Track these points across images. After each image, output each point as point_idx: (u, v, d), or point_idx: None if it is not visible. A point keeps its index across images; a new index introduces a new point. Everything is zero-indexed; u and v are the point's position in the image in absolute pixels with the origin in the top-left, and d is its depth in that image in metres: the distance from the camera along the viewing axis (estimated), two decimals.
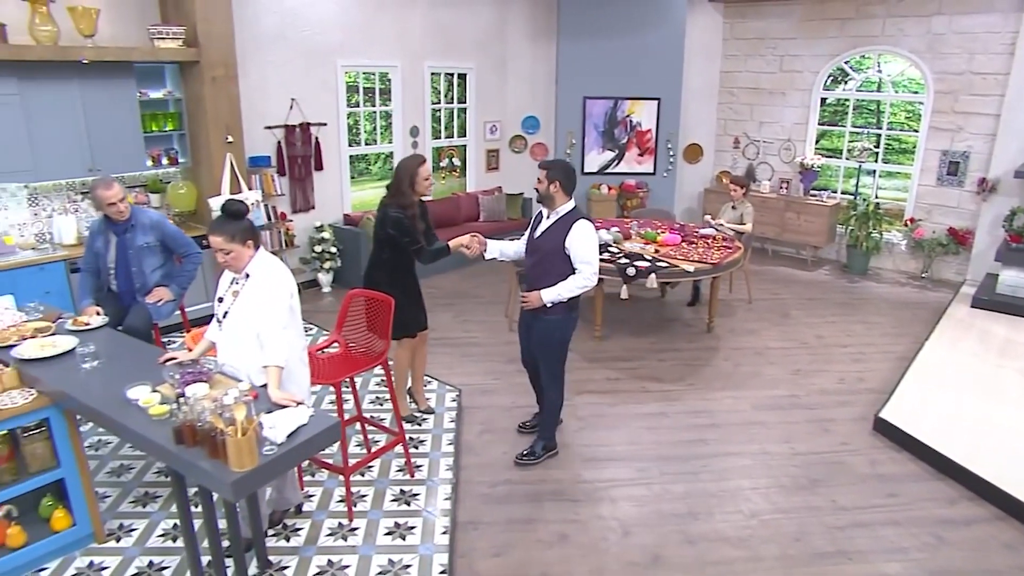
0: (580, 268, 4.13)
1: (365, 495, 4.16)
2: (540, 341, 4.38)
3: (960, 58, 7.86)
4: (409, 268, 4.60)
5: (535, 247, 4.25)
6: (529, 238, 4.33)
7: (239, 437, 2.60)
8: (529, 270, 4.30)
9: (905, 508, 4.19)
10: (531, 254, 4.30)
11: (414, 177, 4.37)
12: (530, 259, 4.30)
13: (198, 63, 6.10)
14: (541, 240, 4.20)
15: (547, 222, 4.19)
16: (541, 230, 4.21)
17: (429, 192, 4.48)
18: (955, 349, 6.31)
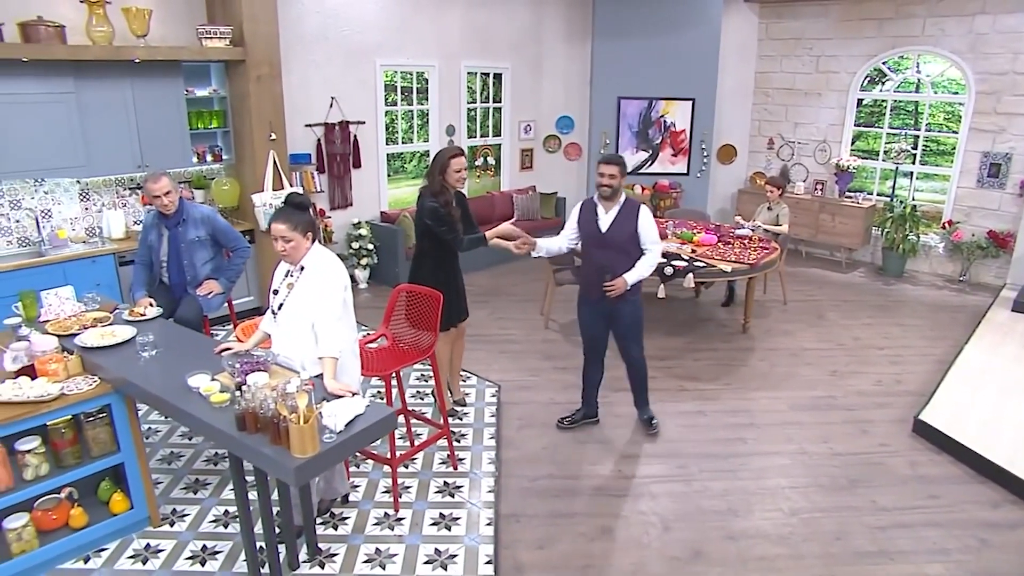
0: (651, 248, 4.54)
1: (410, 486, 4.24)
2: (630, 322, 4.72)
3: (1003, 58, 7.76)
4: (447, 259, 4.64)
5: (606, 241, 4.48)
6: (591, 233, 4.53)
7: (302, 424, 2.69)
8: (606, 261, 4.50)
9: (947, 510, 4.18)
10: (603, 248, 4.50)
11: (446, 168, 4.44)
12: (602, 252, 4.50)
13: (244, 62, 6.23)
14: (612, 233, 4.47)
15: (611, 215, 4.47)
16: (608, 224, 4.47)
17: (460, 185, 4.52)
18: (996, 353, 6.25)
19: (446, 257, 4.64)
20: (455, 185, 4.50)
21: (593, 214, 4.53)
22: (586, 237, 4.59)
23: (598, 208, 4.52)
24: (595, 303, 4.62)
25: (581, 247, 4.72)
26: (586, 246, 4.63)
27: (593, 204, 4.56)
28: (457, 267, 4.71)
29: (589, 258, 4.62)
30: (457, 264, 4.72)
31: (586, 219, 4.56)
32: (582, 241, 4.65)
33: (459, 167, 4.45)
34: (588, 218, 4.55)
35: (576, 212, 4.67)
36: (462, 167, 4.47)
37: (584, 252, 4.70)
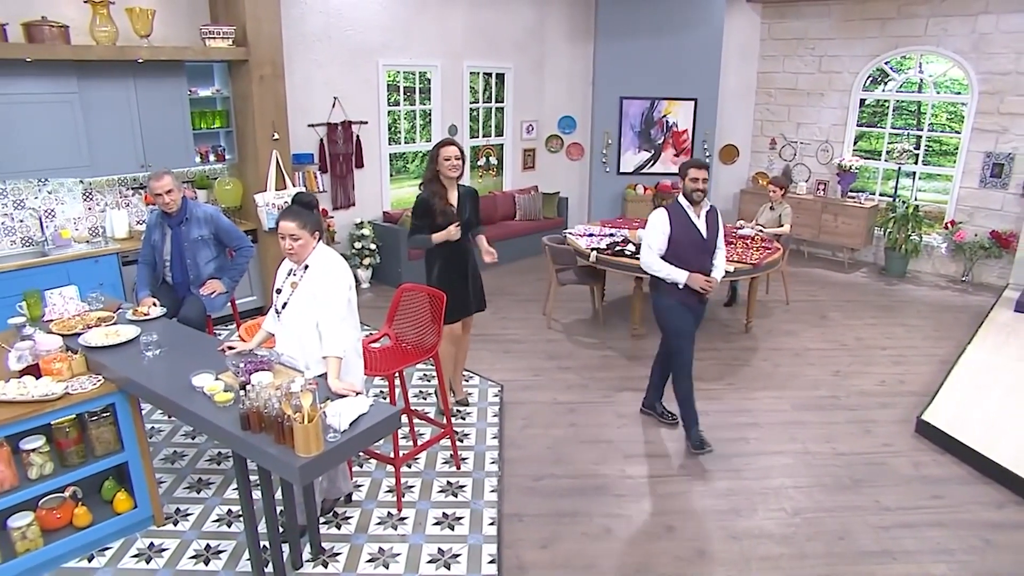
0: (721, 246, 4.75)
1: (413, 486, 4.24)
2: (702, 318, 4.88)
3: (1007, 58, 7.75)
4: (444, 253, 4.66)
5: (707, 245, 4.58)
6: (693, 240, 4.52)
7: (306, 424, 2.69)
8: (703, 264, 4.57)
9: (951, 510, 4.17)
10: (703, 253, 4.58)
11: (436, 157, 4.50)
12: (702, 257, 4.57)
13: (247, 62, 6.23)
14: (710, 236, 4.59)
15: (702, 218, 4.56)
16: (704, 228, 4.55)
17: (452, 173, 4.51)
18: (998, 353, 6.24)
19: (440, 251, 4.65)
20: (448, 175, 4.52)
21: (687, 220, 4.52)
22: (686, 244, 4.52)
23: (689, 213, 4.52)
24: (695, 307, 4.66)
25: (671, 253, 4.55)
26: (683, 253, 4.53)
27: (682, 210, 4.52)
28: (453, 262, 4.69)
29: (687, 266, 4.52)
30: (466, 258, 4.72)
31: (683, 227, 4.51)
32: (677, 249, 4.53)
33: (448, 156, 4.48)
34: (685, 225, 4.51)
35: (662, 223, 4.54)
36: (452, 156, 4.48)
37: (676, 258, 4.53)
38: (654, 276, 4.63)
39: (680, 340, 4.67)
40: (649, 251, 4.60)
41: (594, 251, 6.37)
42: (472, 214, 4.70)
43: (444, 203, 4.54)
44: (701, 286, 4.52)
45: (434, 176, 4.56)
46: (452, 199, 4.61)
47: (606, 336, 6.65)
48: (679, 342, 4.67)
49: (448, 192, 4.59)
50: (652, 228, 4.60)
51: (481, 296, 4.98)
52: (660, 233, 4.54)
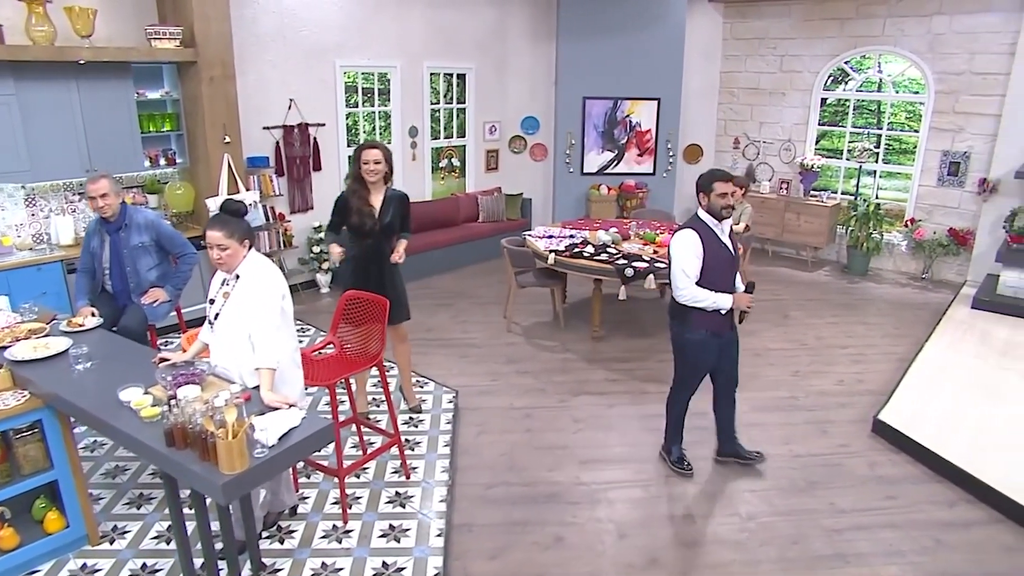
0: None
1: (360, 497, 4.14)
2: (737, 345, 4.44)
3: (960, 58, 7.82)
4: (360, 259, 4.60)
5: (735, 264, 4.20)
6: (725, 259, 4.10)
7: (229, 440, 2.59)
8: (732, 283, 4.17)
9: (904, 510, 4.16)
10: (733, 270, 4.18)
11: (358, 159, 4.45)
12: (732, 275, 4.18)
13: (195, 63, 6.08)
14: (736, 252, 4.21)
15: (725, 233, 4.14)
16: (730, 244, 4.15)
17: (370, 178, 4.45)
18: (955, 350, 6.28)
19: (364, 254, 4.60)
20: (368, 178, 4.46)
21: (717, 239, 4.07)
22: (718, 265, 4.06)
23: (716, 231, 4.07)
24: (725, 335, 4.25)
25: (707, 280, 4.05)
26: (714, 276, 4.05)
27: (709, 230, 4.05)
28: (383, 269, 4.61)
29: (723, 285, 4.09)
30: (384, 266, 4.61)
31: (714, 248, 4.04)
32: (710, 273, 4.05)
33: (367, 159, 4.42)
34: (715, 246, 4.05)
35: (693, 246, 4.02)
36: (370, 160, 4.42)
37: (712, 284, 4.05)
38: (682, 306, 4.15)
39: (694, 376, 4.39)
40: (687, 280, 4.04)
41: (552, 253, 6.30)
42: (396, 219, 4.60)
43: (362, 203, 4.48)
44: (748, 304, 4.12)
45: (357, 176, 4.50)
46: (374, 201, 4.54)
47: (566, 339, 6.58)
48: (691, 379, 4.40)
49: (370, 194, 4.52)
50: (684, 253, 4.04)
51: (404, 306, 4.82)
52: (695, 257, 4.01)
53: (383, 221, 4.53)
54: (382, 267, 4.61)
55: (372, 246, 4.56)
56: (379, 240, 4.56)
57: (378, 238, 4.55)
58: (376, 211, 4.52)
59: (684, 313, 4.17)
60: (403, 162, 8.59)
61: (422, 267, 8.24)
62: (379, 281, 4.58)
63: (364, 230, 4.52)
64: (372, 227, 4.51)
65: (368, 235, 4.53)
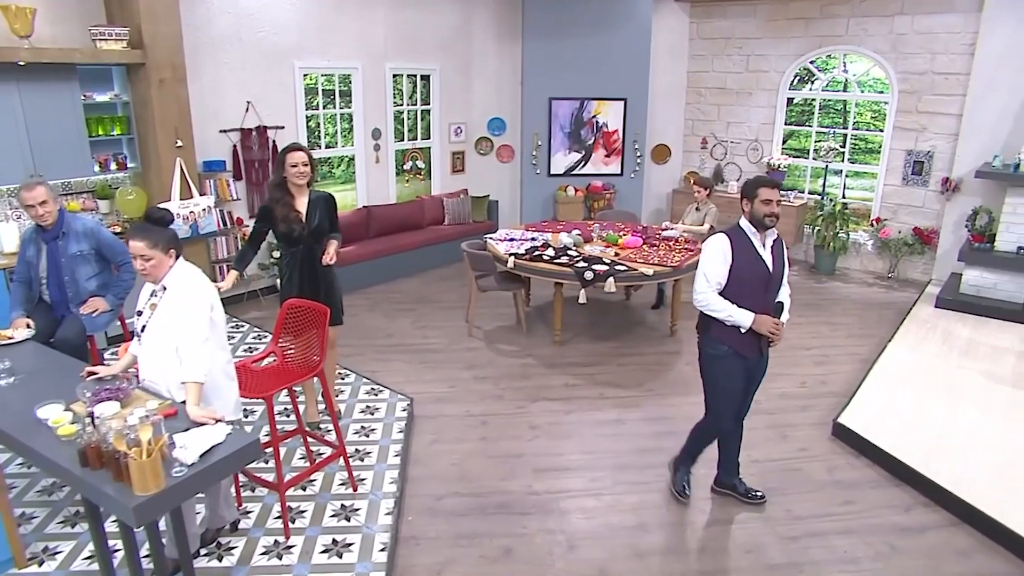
0: (786, 285, 3.90)
1: (305, 511, 4.01)
2: (764, 372, 4.02)
3: (922, 58, 7.83)
4: (293, 263, 4.53)
5: (773, 282, 3.75)
6: (759, 274, 3.68)
7: (142, 459, 2.47)
8: (766, 304, 3.74)
9: (860, 516, 4.10)
10: (769, 291, 3.74)
11: (283, 163, 4.37)
12: (767, 296, 3.75)
13: (144, 65, 5.92)
14: (776, 270, 3.75)
15: (767, 247, 3.71)
16: (770, 259, 3.71)
17: (298, 180, 4.37)
18: (917, 350, 6.26)
19: (288, 258, 4.54)
20: (294, 181, 4.38)
21: (752, 250, 3.67)
22: (749, 279, 3.67)
23: (754, 242, 3.68)
24: (752, 357, 3.84)
25: (732, 290, 3.69)
26: (744, 290, 3.67)
27: (746, 238, 3.68)
28: (316, 272, 4.52)
29: (746, 304, 3.68)
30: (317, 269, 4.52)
31: (747, 258, 3.66)
32: (738, 285, 3.67)
33: (295, 162, 4.34)
34: (749, 256, 3.66)
35: (724, 251, 3.66)
36: (298, 162, 4.34)
37: (736, 296, 3.68)
38: (705, 315, 3.83)
39: (721, 403, 3.93)
40: (707, 285, 3.71)
41: (512, 256, 6.20)
42: (324, 221, 4.50)
43: (287, 210, 4.40)
44: (770, 330, 3.69)
45: (280, 182, 4.41)
46: (299, 206, 4.44)
47: (528, 343, 6.49)
48: (719, 405, 3.94)
49: (295, 199, 4.44)
50: (711, 257, 3.70)
51: (337, 310, 4.69)
52: (720, 263, 3.65)
53: (311, 225, 4.44)
54: (315, 271, 4.52)
55: (303, 251, 4.49)
56: (309, 245, 4.47)
57: (308, 243, 4.47)
58: (303, 216, 4.43)
59: (706, 324, 3.85)
60: (367, 165, 8.47)
61: (386, 271, 8.12)
62: (313, 285, 4.51)
63: (293, 236, 4.43)
64: (301, 232, 4.42)
65: (298, 241, 4.45)
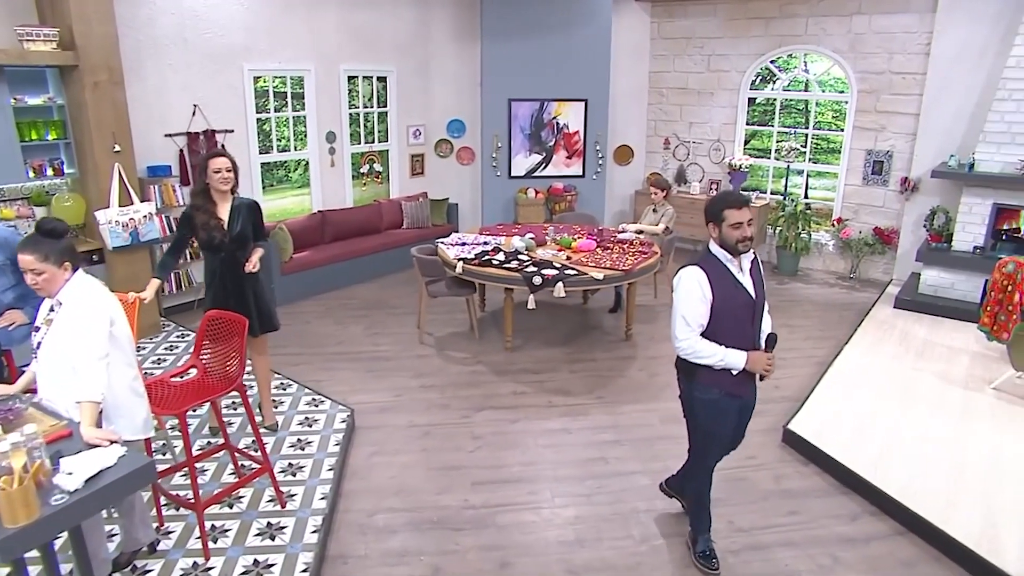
0: (766, 313, 3.49)
1: (229, 529, 3.85)
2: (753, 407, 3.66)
3: (880, 58, 7.79)
4: (217, 270, 4.42)
5: (757, 308, 3.35)
6: (741, 303, 3.29)
7: (12, 489, 2.31)
8: (752, 334, 3.36)
9: (804, 527, 4.00)
10: (755, 319, 3.35)
11: (205, 169, 4.29)
12: (754, 327, 3.36)
13: (77, 67, 5.73)
14: (758, 294, 3.34)
15: (746, 272, 3.32)
16: (751, 285, 3.32)
17: (223, 187, 4.29)
18: (874, 352, 6.19)
19: (210, 265, 4.45)
20: (217, 187, 4.29)
21: (731, 279, 3.25)
22: (733, 311, 3.25)
23: (730, 269, 3.27)
24: (744, 396, 3.48)
25: (716, 331, 3.27)
26: (729, 324, 3.27)
27: (721, 267, 3.25)
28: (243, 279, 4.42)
29: (733, 339, 3.28)
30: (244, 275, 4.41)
31: (727, 289, 3.24)
32: (722, 320, 3.26)
33: (218, 168, 4.25)
34: (728, 286, 3.24)
35: (698, 287, 3.21)
36: (221, 168, 4.26)
37: (723, 335, 3.27)
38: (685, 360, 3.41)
39: (710, 443, 3.61)
40: (688, 330, 3.26)
41: (460, 261, 6.06)
42: (246, 227, 4.39)
43: (208, 217, 4.29)
44: (765, 368, 3.31)
45: (202, 189, 4.31)
46: (222, 213, 4.34)
47: (479, 350, 6.36)
48: (707, 445, 3.62)
49: (217, 206, 4.34)
50: (687, 296, 3.24)
51: (267, 316, 4.63)
52: (700, 301, 3.22)
53: (232, 232, 4.33)
54: (239, 280, 4.41)
55: (225, 259, 4.37)
56: (231, 252, 4.36)
57: (230, 250, 4.35)
58: (224, 223, 4.32)
59: (690, 366, 3.41)
60: (321, 168, 8.30)
61: (341, 277, 7.96)
62: (239, 294, 4.40)
63: (214, 244, 4.32)
64: (222, 240, 4.31)
65: (219, 248, 4.34)
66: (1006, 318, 5.30)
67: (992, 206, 6.90)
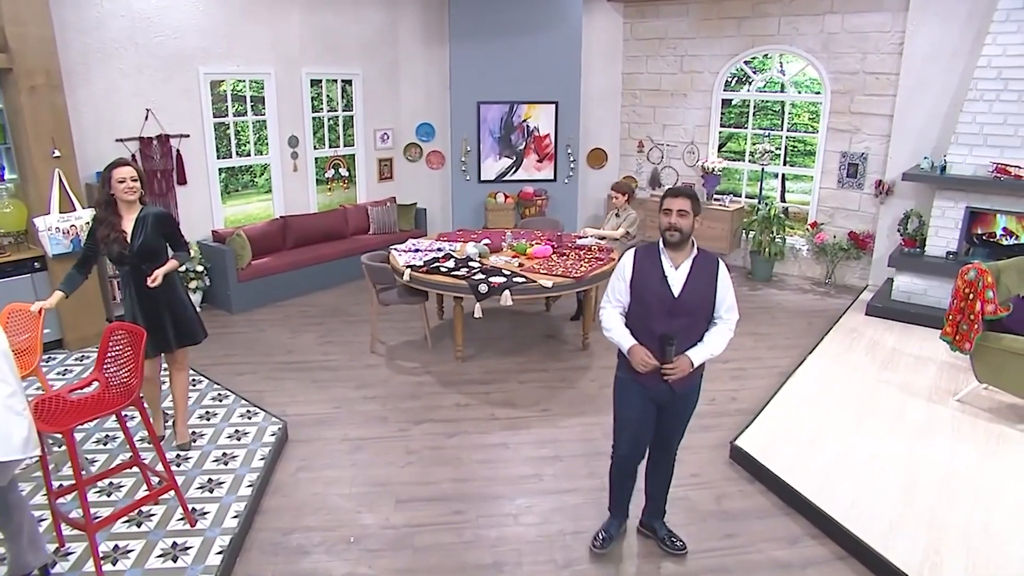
0: (727, 317, 3.41)
1: (132, 550, 3.68)
2: (688, 411, 3.62)
3: (853, 58, 7.57)
4: (132, 281, 4.27)
5: (679, 307, 3.31)
6: (659, 295, 3.32)
7: None
8: (672, 333, 3.31)
9: (739, 551, 3.79)
10: (672, 316, 3.31)
11: (108, 179, 4.14)
12: (670, 322, 3.31)
13: (11, 71, 5.59)
14: (687, 296, 3.31)
15: (682, 271, 3.32)
16: (680, 283, 3.31)
17: (128, 196, 4.14)
18: (838, 362, 5.97)
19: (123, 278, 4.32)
20: (122, 197, 4.14)
21: (658, 269, 3.34)
22: (649, 300, 3.34)
23: (663, 260, 3.35)
24: (654, 388, 3.44)
25: (634, 311, 3.43)
26: (644, 312, 3.37)
27: (655, 254, 3.37)
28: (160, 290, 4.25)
29: (646, 328, 3.36)
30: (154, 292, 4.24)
31: (647, 276, 3.35)
32: (640, 307, 3.39)
33: (122, 177, 4.10)
34: (650, 274, 3.34)
35: (627, 266, 3.41)
36: (126, 177, 4.11)
37: (638, 318, 3.40)
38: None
39: (618, 429, 3.66)
40: (606, 301, 3.50)
41: (408, 269, 5.89)
42: (153, 239, 4.23)
43: (110, 230, 4.14)
44: (638, 363, 3.33)
45: (106, 200, 4.16)
46: (126, 224, 4.19)
47: (430, 360, 6.17)
48: (618, 429, 3.67)
49: (121, 218, 4.19)
50: (615, 272, 3.50)
51: (188, 328, 4.47)
52: (619, 279, 3.44)
53: (135, 244, 4.17)
54: (147, 293, 4.25)
55: (131, 272, 4.23)
56: (136, 265, 4.21)
57: (134, 263, 4.20)
58: (127, 236, 4.17)
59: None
60: (283, 173, 8.15)
61: (302, 284, 7.80)
62: (152, 307, 4.26)
63: (117, 258, 4.19)
64: (121, 253, 4.16)
65: (126, 262, 4.20)
66: (968, 328, 5.07)
67: (965, 210, 6.67)
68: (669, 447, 3.73)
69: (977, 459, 4.50)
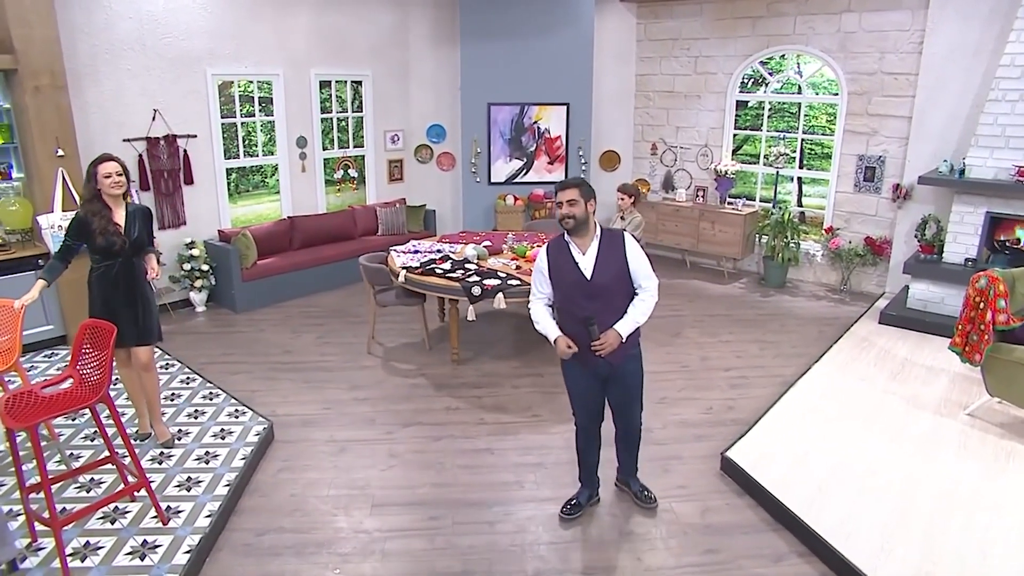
0: (647, 285, 3.67)
1: (103, 547, 3.67)
2: (633, 381, 3.87)
3: (871, 57, 7.32)
4: (101, 275, 4.29)
5: (595, 289, 3.56)
6: (575, 282, 3.58)
7: None
8: (594, 313, 3.54)
9: (719, 568, 3.64)
10: (592, 298, 3.56)
11: (94, 175, 4.18)
12: (592, 304, 3.56)
13: (16, 71, 5.68)
14: (600, 276, 3.55)
15: (590, 253, 3.57)
16: (591, 266, 3.56)
17: (115, 191, 4.20)
18: (845, 372, 5.76)
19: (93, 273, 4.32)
20: (109, 192, 4.19)
21: (568, 257, 3.60)
22: (567, 288, 3.62)
23: (571, 248, 3.61)
24: (591, 364, 3.70)
25: (558, 299, 3.72)
26: (566, 299, 3.65)
27: (563, 244, 3.64)
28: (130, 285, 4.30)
29: (571, 313, 3.62)
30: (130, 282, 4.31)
31: (561, 265, 3.63)
32: (561, 294, 3.67)
33: (108, 172, 4.16)
34: (563, 263, 3.62)
35: (542, 260, 3.72)
36: (112, 172, 4.17)
37: (563, 306, 3.70)
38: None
39: (573, 403, 3.94)
40: (532, 296, 3.80)
41: (404, 270, 5.83)
42: (142, 233, 4.32)
43: (107, 222, 4.19)
44: (561, 352, 3.62)
45: (95, 195, 4.20)
46: (118, 218, 4.25)
47: (426, 361, 6.12)
48: (572, 404, 3.96)
49: (113, 211, 4.24)
50: (534, 268, 3.79)
51: (148, 326, 4.44)
52: (538, 272, 3.74)
53: (131, 237, 4.25)
54: (133, 285, 4.33)
55: (121, 265, 4.28)
56: (129, 258, 4.29)
57: (128, 256, 4.28)
58: (122, 228, 4.24)
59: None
60: (291, 174, 8.17)
61: (307, 284, 7.81)
62: (130, 300, 4.32)
63: (113, 250, 4.21)
64: (122, 245, 4.22)
65: (117, 254, 4.24)
66: (978, 338, 4.84)
67: (985, 215, 6.40)
68: (629, 416, 3.98)
69: (982, 477, 4.28)
